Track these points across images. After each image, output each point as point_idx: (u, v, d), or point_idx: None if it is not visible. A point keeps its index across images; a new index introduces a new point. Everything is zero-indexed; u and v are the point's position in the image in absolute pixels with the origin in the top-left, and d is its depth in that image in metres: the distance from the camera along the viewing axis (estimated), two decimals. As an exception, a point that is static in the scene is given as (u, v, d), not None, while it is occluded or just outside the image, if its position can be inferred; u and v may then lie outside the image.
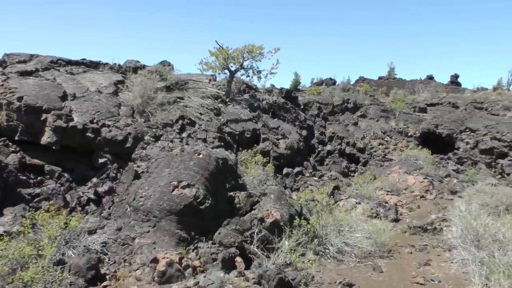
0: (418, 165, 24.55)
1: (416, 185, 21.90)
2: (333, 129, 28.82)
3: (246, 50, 24.04)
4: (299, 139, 24.14)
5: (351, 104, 32.21)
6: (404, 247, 13.46)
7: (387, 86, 42.32)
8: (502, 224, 11.99)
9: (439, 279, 10.58)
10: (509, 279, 8.33)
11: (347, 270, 11.04)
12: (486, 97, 37.43)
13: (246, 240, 10.25)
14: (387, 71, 49.29)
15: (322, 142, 27.15)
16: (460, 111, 34.74)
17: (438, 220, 15.98)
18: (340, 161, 26.15)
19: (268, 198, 12.07)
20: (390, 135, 30.70)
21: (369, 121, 31.64)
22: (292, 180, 20.27)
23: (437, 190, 21.73)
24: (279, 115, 25.17)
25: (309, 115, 29.13)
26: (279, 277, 8.34)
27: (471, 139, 31.00)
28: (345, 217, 13.04)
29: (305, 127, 26.62)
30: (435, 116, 33.79)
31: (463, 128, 31.95)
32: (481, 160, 29.71)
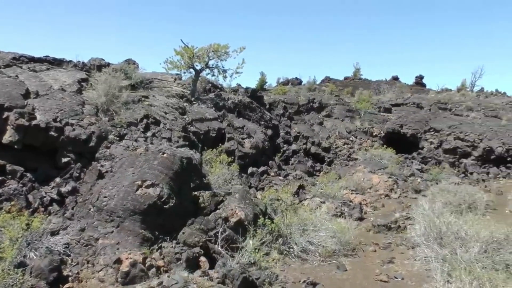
0: (383, 165, 24.88)
1: (381, 184, 22.19)
2: (298, 129, 28.98)
3: (212, 49, 23.99)
4: (264, 138, 24.22)
5: (317, 104, 32.42)
6: (368, 246, 13.61)
7: (353, 86, 42.70)
8: (465, 222, 12.23)
9: (402, 276, 10.75)
10: (470, 275, 8.51)
11: (311, 269, 11.12)
12: (450, 98, 38.14)
13: (210, 240, 10.26)
14: (353, 72, 49.78)
15: (287, 142, 27.28)
16: (425, 112, 35.34)
17: (402, 218, 16.23)
18: (305, 161, 26.31)
19: (233, 197, 12.09)
20: (355, 135, 31.03)
21: (334, 121, 31.92)
22: (257, 180, 20.31)
23: (401, 189, 22.08)
24: (244, 114, 25.20)
25: (274, 115, 29.25)
26: (243, 277, 8.37)
27: (435, 139, 31.64)
28: (309, 216, 13.13)
29: (271, 127, 26.71)
30: (399, 116, 34.30)
31: (427, 128, 32.56)
32: (445, 160, 30.37)
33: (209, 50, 23.99)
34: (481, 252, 10.54)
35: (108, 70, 19.90)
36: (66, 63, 20.05)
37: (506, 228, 11.77)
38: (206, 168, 14.56)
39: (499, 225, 12.03)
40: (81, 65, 20.49)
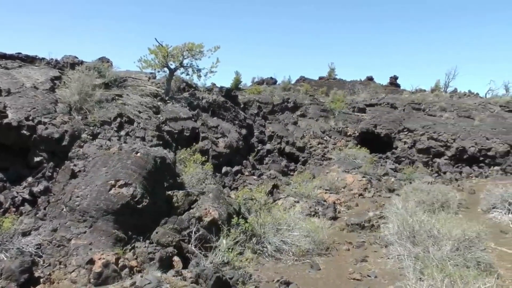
0: (357, 164, 25.05)
1: (355, 183, 22.35)
2: (272, 128, 29.05)
3: (186, 48, 23.90)
4: (239, 138, 24.24)
5: (291, 104, 32.49)
6: (342, 245, 13.70)
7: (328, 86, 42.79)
8: (437, 220, 12.38)
9: (375, 274, 10.86)
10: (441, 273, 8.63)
11: (285, 268, 11.17)
12: (423, 98, 38.51)
13: (184, 239, 10.25)
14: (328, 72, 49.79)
15: (261, 141, 27.33)
16: (399, 112, 35.67)
17: (375, 217, 16.37)
18: (280, 160, 26.40)
19: (207, 197, 12.09)
20: (329, 135, 31.18)
21: (309, 120, 32.02)
22: (231, 179, 20.33)
23: (375, 188, 22.27)
24: (218, 114, 25.17)
25: (249, 114, 29.26)
26: (216, 276, 8.38)
27: (409, 139, 32.03)
28: (283, 216, 13.16)
29: (245, 126, 26.74)
30: (374, 116, 34.55)
31: (401, 128, 32.91)
32: (419, 159, 30.78)
33: (184, 49, 23.90)
34: (453, 250, 10.71)
35: (82, 68, 19.71)
36: (39, 61, 19.82)
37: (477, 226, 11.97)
38: (180, 168, 14.53)
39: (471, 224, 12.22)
40: (54, 62, 20.26)
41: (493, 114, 35.43)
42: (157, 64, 23.67)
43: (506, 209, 17.24)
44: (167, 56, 23.41)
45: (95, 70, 20.10)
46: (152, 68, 24.00)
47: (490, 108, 36.93)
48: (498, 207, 17.63)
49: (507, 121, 33.92)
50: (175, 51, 23.74)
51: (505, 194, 17.67)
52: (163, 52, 23.24)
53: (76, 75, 18.33)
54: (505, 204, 17.38)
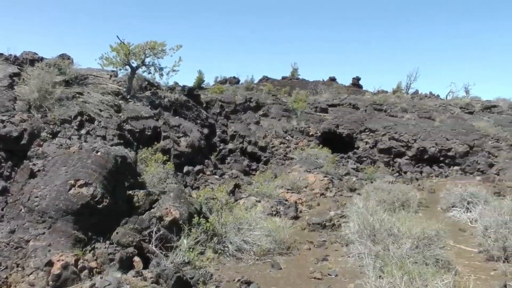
0: (319, 164, 25.28)
1: (316, 183, 22.53)
2: (235, 128, 29.08)
3: (148, 47, 23.70)
4: (201, 137, 24.20)
5: (254, 103, 32.58)
6: (303, 244, 13.80)
7: (290, 86, 42.95)
8: (397, 219, 12.58)
9: (336, 273, 10.99)
10: (401, 270, 8.79)
11: (246, 268, 11.22)
12: (385, 99, 39.08)
13: (144, 239, 10.20)
14: (291, 72, 49.98)
15: (223, 141, 27.34)
16: (361, 112, 36.13)
17: (336, 216, 16.52)
18: (242, 160, 26.46)
19: (168, 196, 12.06)
20: (292, 134, 31.39)
21: (271, 120, 32.17)
22: (193, 179, 20.29)
23: (337, 188, 22.51)
24: (180, 113, 25.06)
25: (211, 114, 29.22)
26: (177, 276, 8.38)
27: (371, 139, 32.53)
28: (245, 215, 13.20)
29: (207, 126, 26.70)
30: (336, 116, 34.91)
31: (363, 129, 33.40)
32: (380, 159, 31.31)
33: (146, 47, 23.69)
34: (413, 248, 10.93)
35: (41, 65, 19.30)
36: (-3, 57, 19.40)
37: (437, 225, 12.24)
38: (141, 167, 14.45)
39: (430, 222, 12.48)
40: (13, 58, 19.80)
41: (453, 116, 36.29)
42: (119, 62, 23.38)
43: (464, 207, 17.67)
44: (129, 54, 23.14)
45: (55, 67, 19.73)
46: (113, 66, 23.69)
47: (451, 109, 37.82)
48: (457, 206, 18.06)
49: (466, 122, 34.82)
50: (137, 49, 23.50)
51: (464, 193, 18.11)
52: (124, 50, 22.97)
53: (36, 72, 17.98)
54: (464, 203, 17.82)
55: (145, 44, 23.70)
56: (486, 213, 14.68)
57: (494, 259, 12.14)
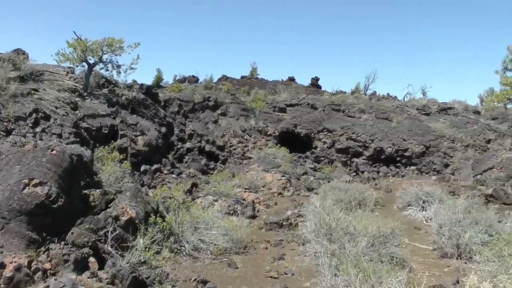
0: (276, 163, 25.43)
1: (274, 182, 22.65)
2: (193, 127, 29.01)
3: (106, 43, 23.44)
4: (158, 136, 24.07)
5: (212, 102, 32.53)
6: (260, 243, 13.87)
7: (249, 86, 42.95)
8: (354, 218, 12.76)
9: (292, 272, 11.09)
10: (356, 268, 8.93)
11: (203, 267, 11.22)
12: (343, 100, 39.50)
13: (100, 240, 10.08)
14: (250, 71, 49.97)
15: (181, 140, 27.25)
16: (319, 112, 36.43)
17: (294, 216, 16.67)
18: (200, 159, 26.43)
19: (124, 195, 11.93)
20: (250, 134, 31.47)
21: (229, 119, 32.19)
22: (150, 178, 20.18)
23: (294, 187, 22.67)
24: (138, 111, 24.87)
25: (169, 112, 29.07)
26: (133, 276, 8.33)
27: (328, 139, 32.89)
28: (201, 215, 13.18)
29: (165, 124, 26.56)
30: (294, 116, 35.13)
31: (321, 128, 33.74)
32: (337, 159, 31.71)
33: (103, 44, 23.43)
34: (369, 246, 11.12)
35: (-5, 60, 18.99)
36: (-52, 52, 18.91)
37: (392, 223, 12.50)
38: (97, 166, 14.30)
39: (386, 221, 12.72)
40: (-35, 54, 19.39)
41: (410, 117, 37.04)
42: (76, 58, 23.02)
43: (420, 206, 18.04)
44: (86, 51, 22.83)
45: (9, 62, 19.37)
46: (70, 62, 23.34)
47: (408, 110, 38.58)
48: (413, 204, 18.41)
49: (423, 123, 35.64)
50: (94, 46, 23.22)
51: (420, 193, 18.48)
52: (81, 46, 22.63)
53: (-11, 68, 17.64)
54: (419, 202, 18.18)
55: (103, 40, 23.43)
56: (441, 211, 15.01)
57: (447, 256, 12.48)
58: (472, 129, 35.40)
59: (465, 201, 15.60)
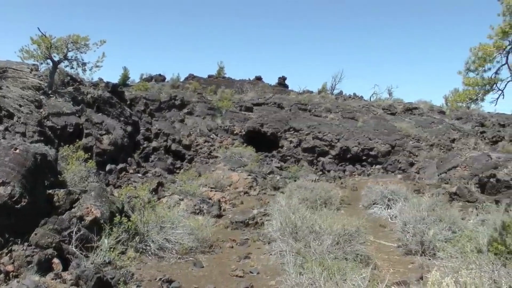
0: (243, 163, 25.52)
1: (240, 181, 22.73)
2: (159, 126, 28.89)
3: (71, 40, 23.15)
4: (124, 135, 23.89)
5: (178, 101, 32.43)
6: (226, 242, 13.95)
7: (217, 85, 42.95)
8: (319, 216, 12.93)
9: (257, 271, 11.19)
10: (321, 266, 9.06)
11: (168, 267, 11.24)
12: (310, 99, 39.80)
13: (64, 240, 9.99)
14: (217, 70, 49.94)
15: (147, 139, 27.11)
16: (285, 112, 36.63)
17: (259, 215, 16.76)
18: (166, 158, 26.35)
19: (89, 195, 11.86)
20: (216, 133, 31.48)
21: (196, 118, 32.13)
22: (116, 177, 20.05)
23: (261, 186, 22.79)
24: (104, 110, 24.65)
25: (135, 111, 28.89)
26: (97, 277, 8.30)
27: (295, 138, 33.10)
28: (167, 214, 13.18)
29: (131, 123, 26.38)
30: (260, 115, 35.25)
31: (287, 128, 33.93)
32: (304, 158, 31.95)
33: (68, 41, 23.13)
34: (334, 244, 11.28)
35: (-44, 58, 18.62)
36: None
37: (358, 221, 12.72)
38: (62, 165, 14.12)
39: (351, 219, 12.92)
40: None
41: (376, 116, 37.59)
42: (40, 55, 22.70)
43: (385, 204, 18.37)
44: (51, 48, 22.53)
45: (-30, 59, 19.04)
46: (34, 59, 23.01)
47: (374, 110, 39.14)
48: (378, 203, 18.73)
49: (389, 123, 36.22)
50: (59, 43, 22.91)
51: (385, 191, 18.82)
52: (46, 43, 22.31)
53: (-51, 64, 17.30)
54: (384, 200, 18.51)
55: (68, 37, 23.14)
56: (406, 209, 15.33)
57: (412, 253, 12.78)
58: (437, 128, 36.21)
59: (429, 199, 15.98)
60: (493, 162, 25.71)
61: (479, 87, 9.09)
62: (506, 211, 15.09)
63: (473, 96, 9.19)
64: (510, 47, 8.91)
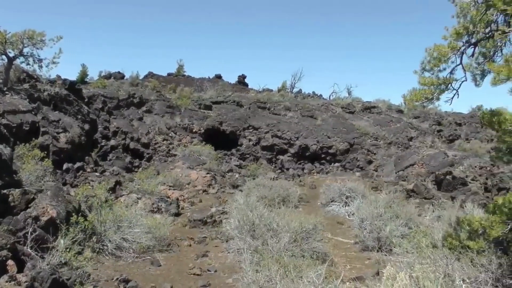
0: (202, 161, 25.54)
1: (199, 180, 22.80)
2: (117, 124, 28.59)
3: (26, 36, 22.64)
4: (81, 133, 23.60)
5: (137, 99, 32.12)
6: (184, 240, 14.08)
7: (176, 83, 42.65)
8: (277, 214, 13.14)
9: (215, 269, 11.37)
10: (277, 264, 9.21)
11: (125, 266, 11.28)
12: (269, 98, 39.94)
13: (19, 241, 9.89)
14: (177, 68, 49.59)
15: (106, 137, 26.85)
16: (244, 110, 36.63)
17: (218, 213, 16.93)
18: (124, 156, 26.18)
19: (45, 195, 11.75)
20: (175, 131, 31.31)
21: (155, 116, 31.89)
22: (73, 176, 19.82)
23: (219, 184, 22.90)
24: (61, 107, 24.28)
25: (93, 109, 28.50)
26: (53, 278, 8.24)
27: (254, 136, 33.20)
28: (125, 213, 13.16)
29: (88, 121, 26.05)
30: (220, 113, 35.18)
31: (247, 126, 33.99)
32: (263, 156, 32.09)
33: (24, 36, 22.62)
34: (291, 242, 11.52)
35: None
36: None
37: (315, 219, 12.98)
38: (17, 164, 13.94)
39: (309, 216, 13.20)
40: None
41: (334, 115, 37.98)
42: (-6, 51, 22.25)
43: (343, 202, 18.73)
44: (5, 43, 22.02)
45: None
46: (-12, 55, 22.53)
47: (332, 109, 39.51)
48: (336, 200, 19.09)
49: (347, 121, 36.69)
50: (14, 38, 22.39)
51: (343, 189, 19.20)
52: (0, 38, 21.87)
53: None
54: (342, 198, 18.89)
55: (23, 33, 22.63)
56: (363, 206, 15.69)
57: (368, 249, 13.15)
58: (395, 127, 36.88)
59: (386, 196, 16.43)
60: (449, 160, 26.49)
61: (435, 87, 9.38)
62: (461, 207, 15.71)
63: (429, 95, 9.46)
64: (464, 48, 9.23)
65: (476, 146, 33.45)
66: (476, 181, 22.62)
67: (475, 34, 9.13)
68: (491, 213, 8.99)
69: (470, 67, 9.54)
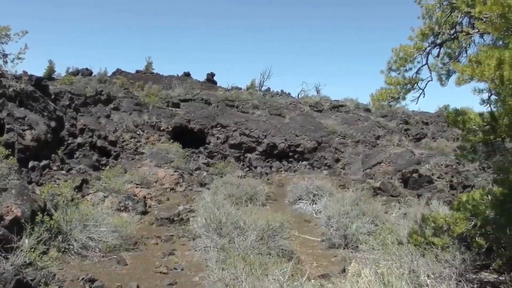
0: (169, 159, 25.49)
1: (167, 178, 22.75)
2: (84, 121, 28.30)
3: (-10, 30, 22.32)
4: (48, 130, 23.25)
5: (104, 96, 31.81)
6: (150, 239, 14.07)
7: (144, 81, 42.38)
8: (244, 212, 13.20)
9: (182, 267, 11.41)
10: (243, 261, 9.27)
11: (91, 266, 11.20)
12: (237, 96, 40.02)
13: (-18, 241, 9.77)
14: (145, 66, 49.26)
15: (72, 135, 26.56)
16: (213, 108, 36.61)
17: (185, 211, 16.94)
18: (91, 154, 25.94)
19: (9, 193, 11.60)
20: (143, 129, 31.14)
21: (122, 114, 31.64)
22: (38, 174, 19.56)
23: (187, 182, 22.89)
24: (27, 104, 23.87)
25: (60, 106, 28.13)
26: (16, 279, 8.15)
27: (222, 134, 33.25)
28: (91, 212, 13.05)
29: (55, 118, 25.67)
30: (188, 111, 35.08)
31: (215, 124, 34.02)
32: (231, 154, 32.17)
33: (-13, 30, 22.28)
34: (258, 240, 11.57)
35: None
36: None
37: (282, 217, 13.06)
38: (-19, 163, 13.73)
39: (276, 214, 13.27)
40: None
41: (303, 113, 38.22)
42: (-43, 45, 21.80)
43: (310, 200, 18.88)
44: (-31, 38, 21.68)
45: None
46: (-49, 50, 22.06)
47: (301, 107, 39.75)
48: (304, 198, 19.25)
49: (315, 120, 36.97)
50: (-22, 33, 22.06)
51: (310, 187, 19.36)
52: (-37, 32, 21.46)
53: None
54: (310, 196, 19.06)
55: (-13, 27, 22.26)
56: (330, 204, 15.86)
57: (335, 246, 13.31)
58: (363, 126, 37.35)
59: (353, 194, 16.62)
60: (416, 158, 26.97)
61: (401, 86, 9.53)
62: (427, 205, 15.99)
63: (395, 94, 9.61)
64: (430, 48, 9.41)
65: (442, 145, 34.15)
66: (442, 179, 23.09)
67: (440, 35, 9.32)
68: (456, 210, 9.24)
69: (435, 67, 9.73)
